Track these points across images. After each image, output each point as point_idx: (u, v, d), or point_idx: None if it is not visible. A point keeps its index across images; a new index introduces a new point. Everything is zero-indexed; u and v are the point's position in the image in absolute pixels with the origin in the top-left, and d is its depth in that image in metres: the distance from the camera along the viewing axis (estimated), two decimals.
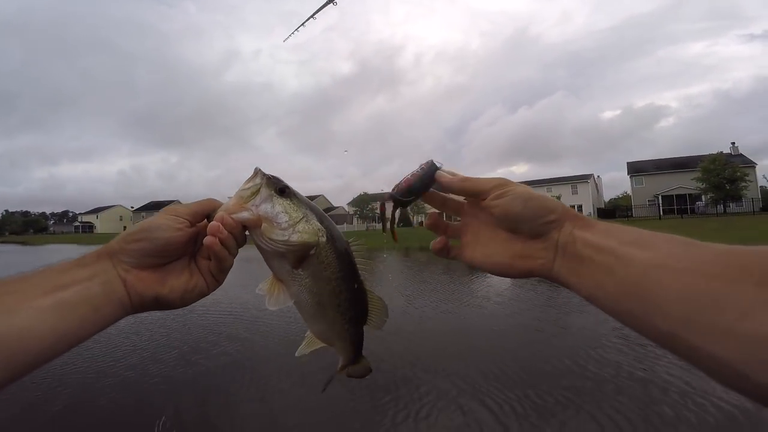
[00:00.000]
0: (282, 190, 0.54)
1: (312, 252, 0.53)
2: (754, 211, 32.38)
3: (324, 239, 0.54)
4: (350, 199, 59.05)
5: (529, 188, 0.49)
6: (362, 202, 53.38)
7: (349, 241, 0.59)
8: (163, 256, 0.51)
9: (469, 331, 7.80)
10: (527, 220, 0.47)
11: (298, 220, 0.53)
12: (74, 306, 0.44)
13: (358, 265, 0.58)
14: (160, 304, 0.51)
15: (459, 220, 0.57)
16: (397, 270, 21.33)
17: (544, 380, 4.88)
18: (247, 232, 0.54)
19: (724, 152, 36.06)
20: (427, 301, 10.67)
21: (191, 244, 0.53)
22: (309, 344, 0.61)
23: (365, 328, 0.62)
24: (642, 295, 0.37)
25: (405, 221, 56.74)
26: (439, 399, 4.47)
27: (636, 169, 43.72)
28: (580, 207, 46.34)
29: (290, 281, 0.54)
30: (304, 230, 0.53)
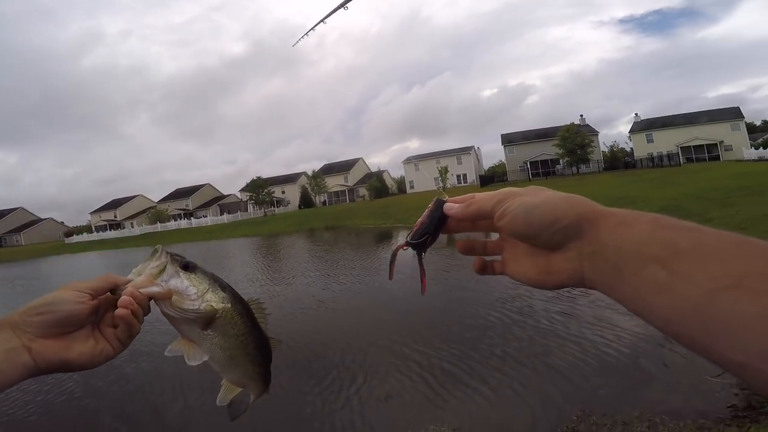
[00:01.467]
0: (186, 265, 0.59)
1: (219, 315, 0.59)
2: (600, 171, 39.73)
3: (229, 305, 0.60)
4: (243, 185, 55.85)
5: (530, 197, 0.43)
6: (257, 186, 51.09)
7: (249, 300, 0.65)
8: (66, 327, 0.54)
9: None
10: (535, 235, 0.42)
11: (205, 291, 0.58)
12: None
13: (257, 318, 0.65)
14: (69, 366, 0.54)
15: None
16: (313, 253, 20.98)
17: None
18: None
19: (575, 123, 42.50)
20: (342, 279, 10.97)
21: (93, 315, 0.57)
22: (227, 391, 0.65)
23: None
24: (707, 322, 0.30)
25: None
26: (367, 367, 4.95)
27: (508, 140, 49.19)
28: (465, 176, 50.92)
29: (201, 341, 0.59)
30: (211, 299, 0.58)
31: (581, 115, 48.51)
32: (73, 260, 31.03)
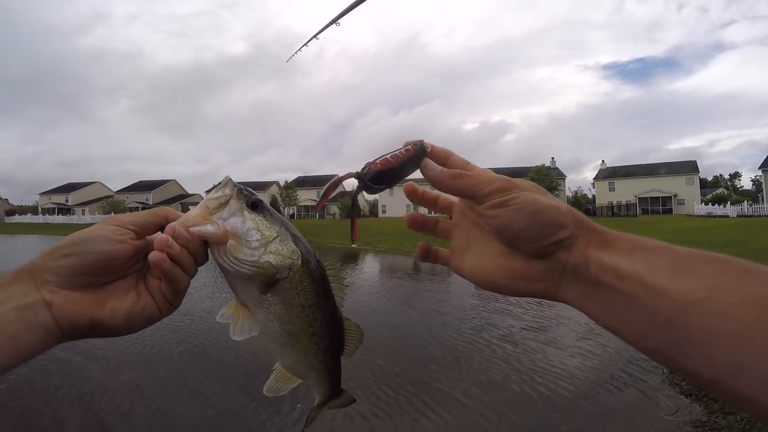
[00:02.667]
0: (254, 204, 0.48)
1: (284, 276, 0.47)
2: None
3: (299, 262, 0.48)
4: (211, 187, 54.23)
5: (538, 196, 0.39)
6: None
7: (325, 264, 0.53)
8: (100, 274, 0.43)
9: None
10: (531, 239, 0.38)
11: (271, 239, 0.47)
12: None
13: (333, 291, 0.53)
14: (98, 330, 0.42)
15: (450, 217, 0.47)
16: None
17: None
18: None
19: (545, 165, 44.28)
20: None
21: (137, 260, 0.46)
22: (279, 380, 0.53)
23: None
24: (678, 336, 0.30)
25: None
26: None
27: None
28: None
29: (257, 308, 0.48)
30: (277, 251, 0.46)
31: (552, 158, 50.72)
32: (5, 241, 28.88)
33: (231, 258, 0.45)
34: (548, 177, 40.48)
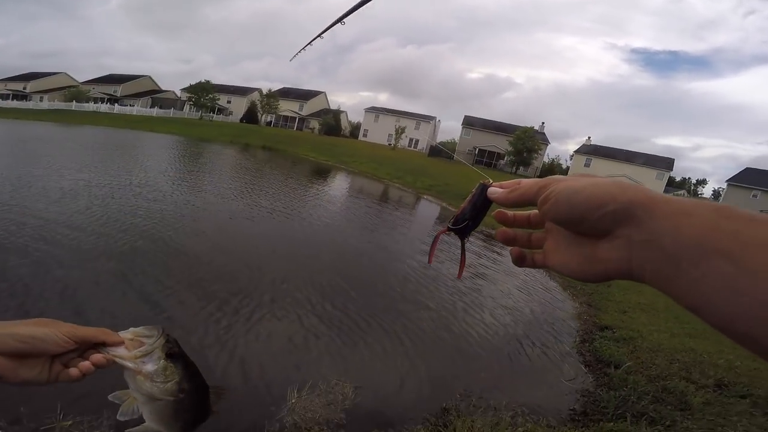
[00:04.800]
0: (170, 354, 0.61)
1: (167, 401, 0.62)
2: (534, 177, 41.52)
3: (182, 396, 0.62)
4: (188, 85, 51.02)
5: (573, 181, 0.40)
6: (202, 90, 47.46)
7: (213, 387, 0.69)
8: (30, 357, 0.54)
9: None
10: (580, 220, 0.38)
11: (169, 382, 0.61)
12: None
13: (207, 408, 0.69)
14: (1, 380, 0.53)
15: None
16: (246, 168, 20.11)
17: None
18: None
19: (533, 127, 44.24)
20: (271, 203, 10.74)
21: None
22: (144, 430, 0.67)
23: None
24: None
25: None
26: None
27: (469, 123, 50.14)
28: (417, 142, 51.34)
29: (143, 405, 0.62)
30: (170, 391, 0.61)
31: (542, 123, 50.48)
32: None
33: (136, 384, 0.60)
34: (532, 139, 40.64)
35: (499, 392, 3.84)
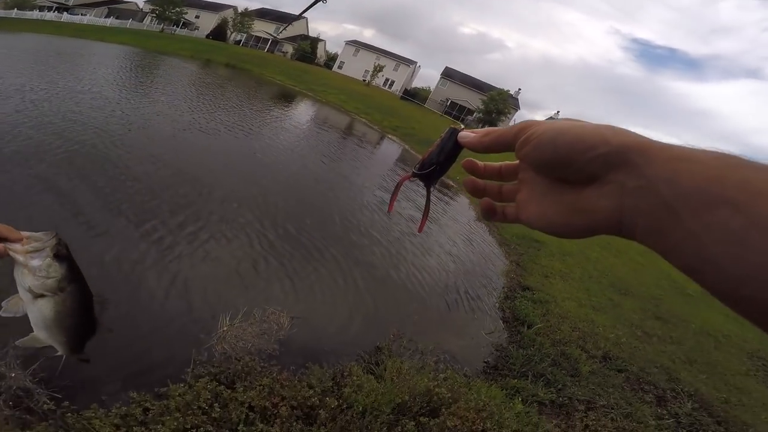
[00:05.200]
0: (58, 255, 0.67)
1: (48, 297, 0.68)
2: None
3: (61, 293, 0.68)
4: None
5: (557, 123, 0.36)
6: (168, 2, 42.47)
7: (95, 295, 0.75)
8: None
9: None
10: (565, 163, 0.34)
11: (51, 278, 0.66)
12: None
13: (90, 306, 0.74)
14: None
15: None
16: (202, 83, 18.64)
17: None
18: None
19: (508, 91, 44.11)
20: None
21: None
22: (31, 341, 0.74)
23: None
24: None
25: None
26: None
27: (447, 74, 49.21)
28: (392, 83, 49.86)
29: (28, 303, 0.68)
30: (50, 287, 0.67)
31: (519, 89, 50.19)
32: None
33: (21, 278, 0.66)
34: (504, 102, 40.79)
35: (427, 337, 4.02)
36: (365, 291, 4.48)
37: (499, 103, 40.56)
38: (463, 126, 0.47)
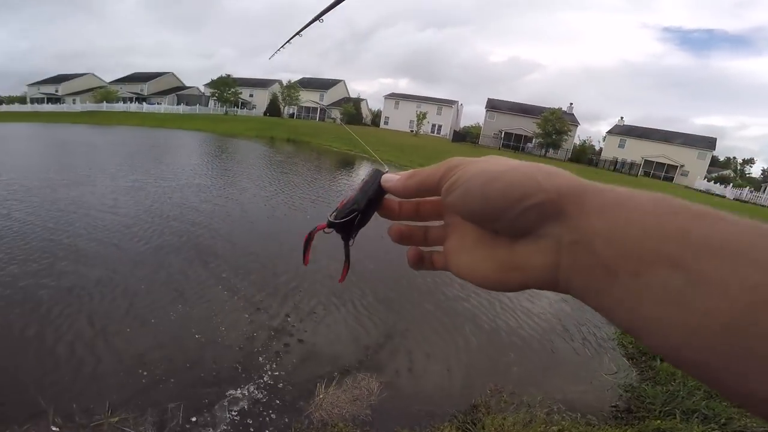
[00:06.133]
0: None
1: None
2: (565, 160, 40.58)
3: None
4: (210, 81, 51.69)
5: (486, 164, 0.32)
6: (223, 84, 47.55)
7: None
8: None
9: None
10: (496, 216, 0.31)
11: None
12: None
13: None
14: None
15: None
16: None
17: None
18: None
19: (561, 108, 42.51)
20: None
21: None
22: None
23: None
24: (736, 349, 0.21)
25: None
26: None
27: (493, 106, 48.76)
28: (440, 127, 50.31)
29: None
30: None
31: (571, 103, 48.60)
32: None
33: None
34: (560, 120, 39.24)
35: (532, 387, 3.58)
36: (449, 347, 4.12)
37: (555, 122, 38.97)
38: (387, 169, 0.43)
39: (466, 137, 46.38)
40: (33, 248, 4.94)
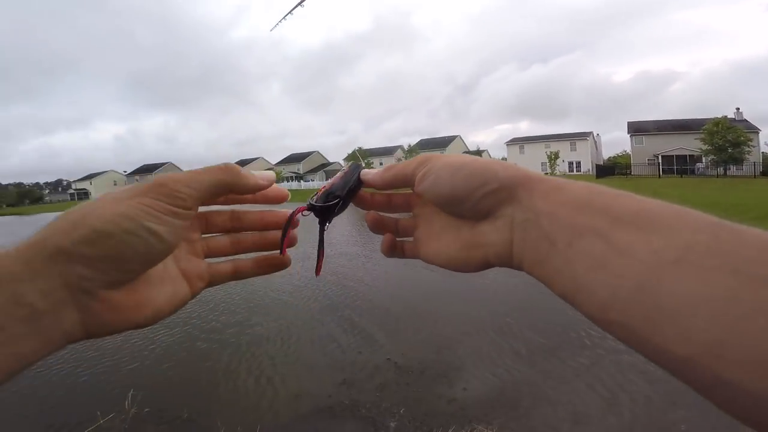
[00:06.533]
0: None
1: None
2: (755, 175, 32.31)
3: None
4: (346, 155, 58.08)
5: (453, 157, 0.37)
6: (355, 157, 52.35)
7: None
8: (135, 267, 0.31)
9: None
10: (461, 199, 0.35)
11: None
12: None
13: None
14: (115, 332, 0.32)
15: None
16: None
17: None
18: None
19: (728, 117, 35.46)
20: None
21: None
22: None
23: None
24: (648, 305, 0.24)
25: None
26: None
27: (636, 129, 43.14)
28: (578, 164, 46.16)
29: None
30: None
31: (737, 109, 40.35)
32: None
33: None
34: (732, 130, 32.14)
35: None
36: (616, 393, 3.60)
37: (725, 133, 32.22)
38: (363, 165, 0.46)
39: (614, 169, 41.34)
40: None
